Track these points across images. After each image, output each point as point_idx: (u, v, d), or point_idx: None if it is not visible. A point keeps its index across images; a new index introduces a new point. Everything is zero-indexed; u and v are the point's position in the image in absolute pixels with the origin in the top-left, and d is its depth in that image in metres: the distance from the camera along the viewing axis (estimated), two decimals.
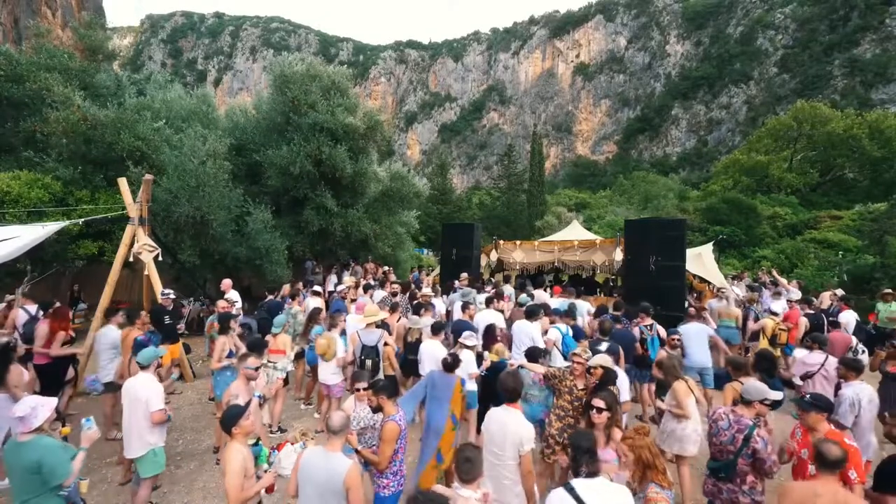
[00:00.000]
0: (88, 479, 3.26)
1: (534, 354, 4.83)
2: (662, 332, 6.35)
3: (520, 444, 3.17)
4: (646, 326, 6.26)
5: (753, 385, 3.59)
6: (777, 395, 3.71)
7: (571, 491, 2.40)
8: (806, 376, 5.25)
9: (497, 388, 3.53)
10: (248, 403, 3.18)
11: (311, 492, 2.79)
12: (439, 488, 2.71)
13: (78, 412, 6.27)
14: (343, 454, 2.84)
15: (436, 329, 5.57)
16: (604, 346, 5.21)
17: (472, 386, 5.02)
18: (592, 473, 2.49)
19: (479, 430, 4.01)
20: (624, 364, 5.42)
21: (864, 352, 6.46)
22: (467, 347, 5.01)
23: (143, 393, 3.92)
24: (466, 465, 2.57)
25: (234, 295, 8.00)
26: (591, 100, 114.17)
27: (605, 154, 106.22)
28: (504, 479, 3.22)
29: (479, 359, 5.25)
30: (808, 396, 3.41)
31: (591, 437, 2.77)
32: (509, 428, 3.23)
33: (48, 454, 2.81)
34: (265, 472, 3.10)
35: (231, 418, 2.99)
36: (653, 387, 5.86)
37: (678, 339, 6.14)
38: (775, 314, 7.40)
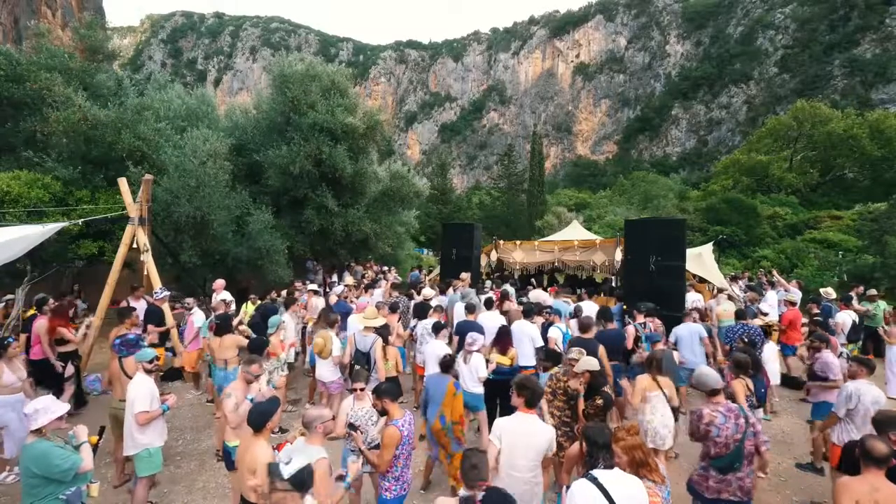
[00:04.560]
0: (98, 482, 3.24)
1: (556, 358, 4.84)
2: (654, 328, 6.39)
3: (544, 449, 3.12)
4: (640, 324, 6.28)
5: (712, 373, 3.65)
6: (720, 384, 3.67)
7: (594, 480, 2.43)
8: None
9: (512, 391, 3.40)
10: (275, 401, 3.18)
11: None
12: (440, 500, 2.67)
13: (78, 412, 6.27)
14: (317, 447, 2.85)
15: (436, 329, 5.57)
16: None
17: (478, 389, 5.00)
18: (610, 466, 2.54)
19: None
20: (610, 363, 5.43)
21: (847, 356, 6.44)
22: (475, 352, 5.01)
23: (132, 393, 3.92)
24: (473, 472, 2.51)
25: (226, 295, 7.99)
26: (591, 100, 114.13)
27: (605, 154, 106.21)
28: (524, 486, 3.09)
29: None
30: None
31: (607, 432, 2.77)
32: (532, 438, 3.14)
33: (46, 458, 2.82)
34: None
35: (262, 414, 2.96)
36: None
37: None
38: (765, 314, 7.39)
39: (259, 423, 2.94)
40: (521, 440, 3.14)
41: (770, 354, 6.24)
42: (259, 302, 7.82)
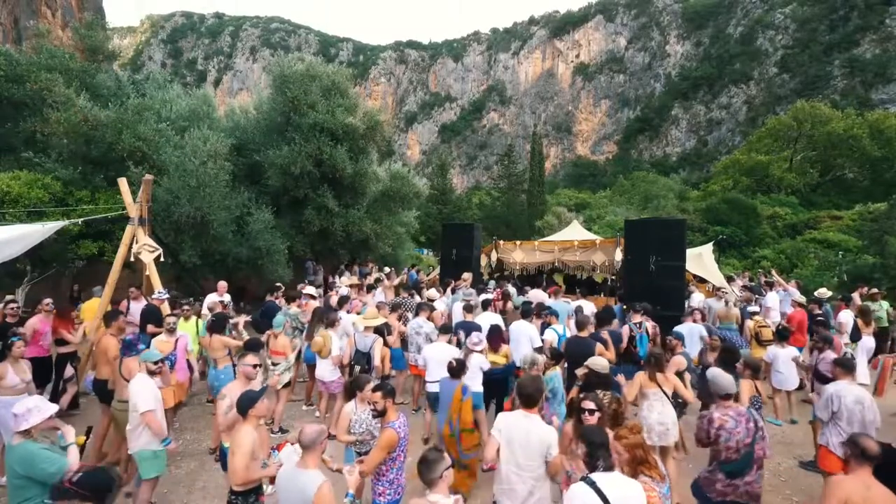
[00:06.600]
0: None
1: (559, 356, 4.84)
2: (651, 328, 6.40)
3: (547, 451, 3.05)
4: (635, 324, 6.29)
5: (727, 377, 3.60)
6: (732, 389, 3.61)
7: (592, 485, 2.43)
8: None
9: (515, 391, 3.39)
10: (262, 389, 3.29)
11: None
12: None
13: (79, 412, 6.27)
14: (312, 471, 2.66)
15: (443, 331, 5.57)
16: None
17: (478, 387, 4.99)
18: (609, 468, 2.53)
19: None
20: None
21: (853, 356, 6.39)
22: (477, 351, 5.02)
23: (133, 394, 3.90)
24: (421, 467, 2.48)
25: (227, 296, 8.00)
26: (591, 100, 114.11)
27: (605, 154, 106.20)
28: (522, 484, 3.08)
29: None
30: None
31: (605, 433, 2.76)
32: (533, 436, 3.08)
33: (32, 461, 2.76)
34: (273, 462, 3.09)
35: (248, 400, 3.11)
36: None
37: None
38: (756, 313, 7.38)
39: (244, 407, 3.09)
40: (519, 436, 3.12)
41: (786, 359, 6.20)
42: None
